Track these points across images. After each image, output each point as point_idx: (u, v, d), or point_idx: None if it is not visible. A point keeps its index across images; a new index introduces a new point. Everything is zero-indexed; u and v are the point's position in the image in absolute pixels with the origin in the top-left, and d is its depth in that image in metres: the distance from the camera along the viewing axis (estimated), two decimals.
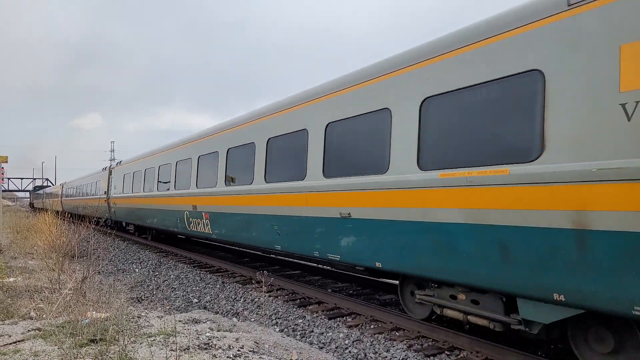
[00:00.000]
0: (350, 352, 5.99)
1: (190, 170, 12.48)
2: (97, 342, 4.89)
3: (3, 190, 34.24)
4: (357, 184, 6.44)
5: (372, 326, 7.06)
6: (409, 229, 5.71)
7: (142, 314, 6.62)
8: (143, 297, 10.03)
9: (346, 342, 6.33)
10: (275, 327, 7.32)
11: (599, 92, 3.98)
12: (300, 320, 7.44)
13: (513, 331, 5.77)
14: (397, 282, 7.17)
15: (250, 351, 5.09)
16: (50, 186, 69.90)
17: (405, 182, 5.71)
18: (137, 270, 13.65)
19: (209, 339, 5.32)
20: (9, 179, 75.58)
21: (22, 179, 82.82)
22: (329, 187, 7.01)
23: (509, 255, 4.64)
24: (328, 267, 10.84)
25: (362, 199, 6.36)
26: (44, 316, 6.65)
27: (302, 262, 12.95)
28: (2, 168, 21.98)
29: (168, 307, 8.98)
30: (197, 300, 9.52)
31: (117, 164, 22.29)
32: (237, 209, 9.94)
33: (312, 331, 6.92)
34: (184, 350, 4.73)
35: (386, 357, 5.78)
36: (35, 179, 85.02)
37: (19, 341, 5.22)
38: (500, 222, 4.66)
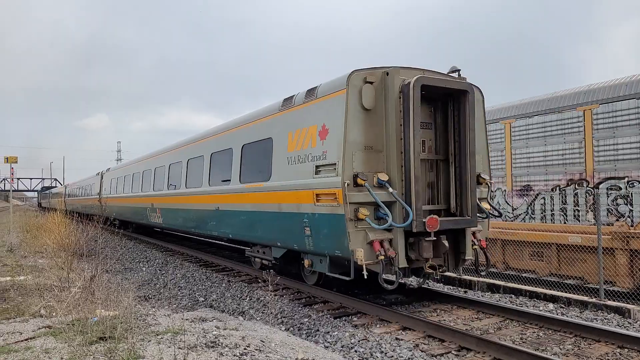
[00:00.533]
0: (356, 351, 6.01)
1: (151, 177, 17.04)
2: (106, 339, 4.95)
3: (13, 190, 34.69)
4: (221, 190, 10.89)
5: (378, 326, 7.07)
6: (236, 215, 10.18)
7: (150, 313, 6.67)
8: (150, 296, 10.10)
9: (352, 341, 6.35)
10: (281, 326, 7.34)
11: (283, 151, 8.30)
12: (306, 320, 7.46)
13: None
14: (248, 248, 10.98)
15: (256, 350, 5.12)
16: (56, 187, 71.37)
17: (235, 190, 10.11)
18: (144, 269, 13.74)
19: (216, 338, 5.36)
20: (18, 179, 76.31)
21: (31, 179, 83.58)
22: (211, 191, 11.44)
23: (266, 226, 9.01)
24: None
25: (223, 199, 10.75)
26: (54, 314, 6.72)
27: None
28: (12, 169, 22.18)
29: (175, 305, 9.03)
30: (203, 299, 9.57)
31: (107, 170, 26.58)
32: (174, 206, 14.55)
33: (318, 330, 6.94)
34: (192, 348, 4.77)
35: (392, 356, 5.79)
36: (43, 179, 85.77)
37: (30, 338, 5.29)
38: (263, 210, 8.98)
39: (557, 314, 7.44)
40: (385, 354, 5.88)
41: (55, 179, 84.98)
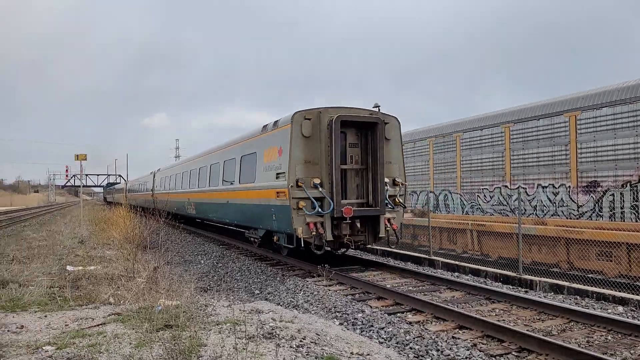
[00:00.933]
0: (411, 348, 5.94)
1: (187, 177, 21.05)
2: (171, 327, 5.19)
3: (83, 186, 37.50)
4: (230, 188, 14.16)
5: (434, 323, 6.95)
6: (238, 206, 13.27)
7: (210, 303, 6.92)
8: (208, 287, 10.47)
9: (407, 338, 6.28)
10: (335, 320, 7.37)
11: (262, 162, 11.33)
12: (360, 315, 7.45)
13: None
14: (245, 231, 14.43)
15: (312, 342, 5.19)
16: (119, 183, 76.22)
17: (237, 188, 13.31)
18: (202, 261, 14.26)
19: (273, 329, 5.48)
20: (86, 175, 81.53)
21: (98, 175, 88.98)
22: (223, 189, 14.96)
23: (254, 214, 11.97)
24: (385, 262, 11.08)
25: (230, 195, 14.07)
26: (122, 302, 7.13)
27: (363, 257, 13.01)
28: (82, 165, 23.68)
29: (232, 297, 9.32)
30: (258, 292, 9.80)
31: (157, 170, 31.02)
32: (202, 200, 18.21)
33: (372, 326, 6.92)
34: (250, 338, 4.91)
35: (449, 355, 5.68)
36: (109, 175, 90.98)
37: (101, 324, 5.65)
38: (251, 203, 11.88)
39: (628, 318, 7.00)
40: (442, 352, 5.77)
41: (120, 175, 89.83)
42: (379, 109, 11.98)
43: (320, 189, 9.94)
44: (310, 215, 9.86)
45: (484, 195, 14.76)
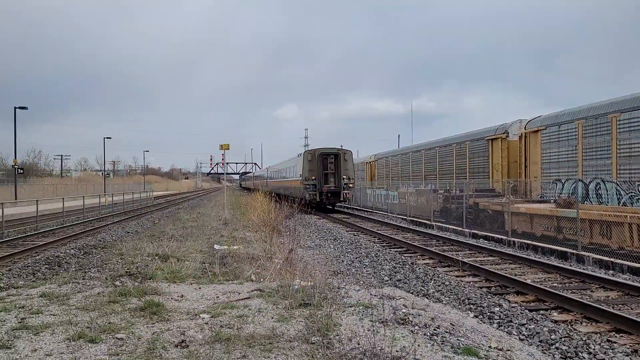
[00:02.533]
0: (558, 348, 5.44)
1: (279, 173, 41.02)
2: (307, 306, 5.48)
3: (227, 173, 44.41)
4: (290, 179, 34.44)
5: (584, 324, 6.29)
6: (292, 188, 33.00)
7: (341, 286, 7.12)
8: (338, 271, 10.81)
9: (552, 337, 5.77)
10: (469, 312, 7.08)
11: (297, 169, 31.42)
12: (497, 309, 7.05)
13: None
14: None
15: (446, 332, 5.05)
16: (250, 172, 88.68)
17: (291, 179, 34.05)
18: (331, 246, 14.75)
19: (405, 315, 5.45)
20: (227, 163, 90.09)
21: (236, 163, 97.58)
22: (288, 179, 36.13)
23: (296, 191, 30.66)
24: (525, 256, 10.24)
25: (290, 183, 34.44)
26: (262, 280, 7.72)
27: (496, 248, 12.31)
28: (223, 154, 26.02)
29: (362, 282, 9.49)
30: (388, 279, 9.82)
31: (269, 166, 52.95)
32: (282, 184, 38.17)
33: (511, 321, 6.50)
34: (383, 322, 4.95)
35: (603, 359, 5.09)
36: (246, 163, 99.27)
37: (246, 298, 6.18)
38: (295, 186, 31.61)
39: None
40: (594, 355, 5.20)
41: (255, 164, 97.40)
42: (342, 146, 29.24)
43: (314, 181, 26.85)
44: (310, 191, 26.84)
45: None
